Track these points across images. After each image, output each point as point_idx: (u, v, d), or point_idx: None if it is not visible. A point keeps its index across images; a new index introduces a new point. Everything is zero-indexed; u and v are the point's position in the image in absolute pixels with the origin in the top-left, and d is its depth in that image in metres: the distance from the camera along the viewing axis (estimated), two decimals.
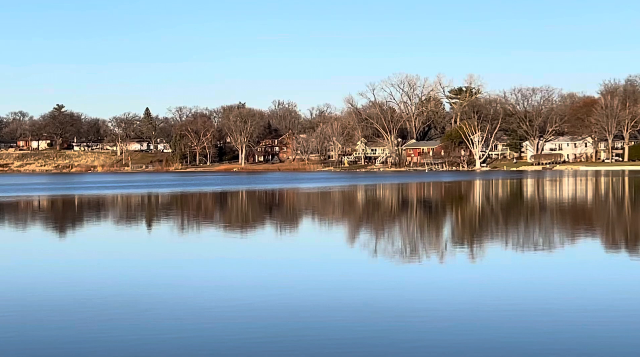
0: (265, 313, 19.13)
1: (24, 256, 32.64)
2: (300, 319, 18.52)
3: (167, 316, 19.03)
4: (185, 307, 19.98)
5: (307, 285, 23.48)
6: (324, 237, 40.40)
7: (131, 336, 17.05)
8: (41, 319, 18.90)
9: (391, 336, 16.83)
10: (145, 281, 24.94)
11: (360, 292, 22.02)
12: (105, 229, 44.76)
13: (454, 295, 21.43)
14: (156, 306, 20.19)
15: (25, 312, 19.74)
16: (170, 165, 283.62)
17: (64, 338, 16.94)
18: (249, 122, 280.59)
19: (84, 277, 25.86)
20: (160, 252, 33.26)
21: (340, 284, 23.58)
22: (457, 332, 17.11)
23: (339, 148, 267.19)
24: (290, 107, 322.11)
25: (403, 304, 20.22)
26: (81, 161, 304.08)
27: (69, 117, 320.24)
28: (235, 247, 34.66)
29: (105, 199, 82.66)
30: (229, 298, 21.26)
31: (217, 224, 47.58)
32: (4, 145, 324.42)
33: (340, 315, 18.86)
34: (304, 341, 16.46)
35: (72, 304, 20.65)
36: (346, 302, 20.51)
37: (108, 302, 20.82)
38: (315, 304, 20.16)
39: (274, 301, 20.74)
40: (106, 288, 23.27)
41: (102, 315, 19.18)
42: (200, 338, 16.76)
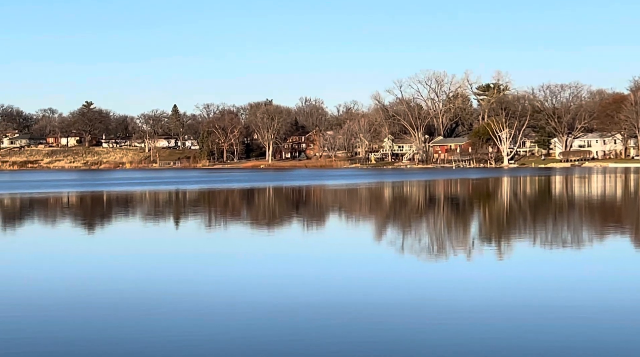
0: (292, 310, 19.12)
1: (52, 251, 32.91)
2: (326, 316, 18.49)
3: (192, 312, 19.10)
4: (212, 304, 20.04)
5: (332, 282, 23.45)
6: (351, 234, 40.35)
7: (156, 334, 17.14)
8: (72, 316, 19.04)
9: (419, 336, 16.78)
10: (171, 277, 25.02)
11: (387, 290, 21.96)
12: (133, 226, 45.02)
13: (482, 293, 21.31)
14: (180, 304, 20.27)
15: (52, 309, 19.89)
16: (197, 162, 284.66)
17: (90, 336, 17.05)
18: (276, 119, 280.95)
19: (112, 273, 26.02)
20: (187, 249, 33.38)
21: (367, 281, 23.53)
22: (483, 332, 17.03)
23: (365, 145, 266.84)
24: (317, 104, 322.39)
25: (429, 302, 20.14)
26: (110, 158, 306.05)
27: (97, 114, 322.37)
28: (262, 244, 34.70)
29: (133, 195, 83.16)
30: (255, 295, 21.28)
31: (244, 221, 47.68)
32: (34, 142, 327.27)
33: (367, 313, 18.83)
34: (332, 338, 16.44)
35: (98, 301, 20.78)
36: (373, 300, 20.46)
37: (135, 299, 20.94)
38: (341, 302, 20.12)
39: (300, 297, 20.73)
40: (132, 284, 23.41)
41: (127, 312, 19.29)
42: (228, 335, 16.80)
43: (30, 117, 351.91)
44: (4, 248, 34.75)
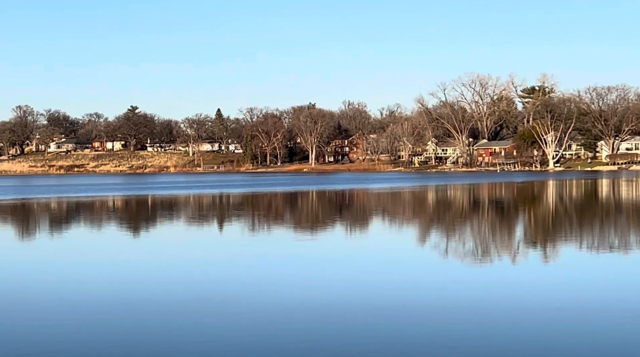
0: (337, 312, 19.06)
1: (99, 256, 33.22)
2: (372, 318, 18.41)
3: (238, 314, 19.12)
4: (258, 306, 20.05)
5: (376, 285, 23.34)
6: (395, 238, 40.18)
7: (198, 336, 17.18)
8: (119, 319, 19.18)
9: (464, 337, 16.63)
10: (216, 280, 25.10)
11: (430, 292, 21.81)
12: (178, 230, 45.32)
13: (528, 296, 21.06)
14: (226, 306, 20.31)
15: (100, 313, 20.06)
16: (241, 166, 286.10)
17: (138, 340, 17.15)
18: (319, 122, 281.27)
19: (158, 277, 26.20)
20: (231, 252, 33.49)
21: (411, 284, 23.39)
22: (532, 333, 16.81)
23: (409, 148, 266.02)
24: (361, 108, 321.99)
25: (473, 304, 19.94)
26: (154, 162, 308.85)
27: (142, 118, 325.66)
28: (306, 248, 34.69)
29: (178, 199, 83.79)
30: (299, 297, 21.25)
31: (287, 225, 47.74)
32: (80, 146, 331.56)
33: (412, 316, 18.70)
34: (377, 340, 16.36)
35: (145, 305, 20.91)
36: (418, 302, 20.33)
37: (181, 302, 21.04)
38: (384, 305, 20.02)
39: (345, 300, 20.66)
40: (179, 288, 23.53)
41: (174, 315, 19.39)
42: (270, 336, 16.79)
43: (76, 122, 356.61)
44: (52, 253, 35.18)
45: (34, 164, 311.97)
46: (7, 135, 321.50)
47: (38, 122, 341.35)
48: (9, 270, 28.43)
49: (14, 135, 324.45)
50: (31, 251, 35.76)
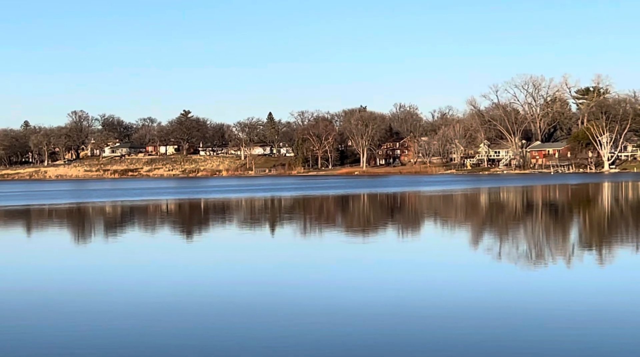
0: (385, 315, 19.04)
1: (153, 258, 33.61)
2: (420, 322, 18.34)
3: (288, 317, 19.19)
4: (309, 309, 20.09)
5: (427, 288, 23.24)
6: (447, 241, 39.93)
7: (256, 338, 17.29)
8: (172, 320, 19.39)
9: (521, 340, 16.47)
10: (267, 283, 25.21)
11: (485, 295, 21.64)
12: (230, 233, 45.62)
13: (581, 299, 20.78)
14: (278, 309, 20.39)
15: (154, 315, 20.29)
16: (292, 169, 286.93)
17: (192, 342, 17.30)
18: (370, 125, 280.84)
19: (211, 279, 26.40)
20: (283, 256, 33.60)
21: (464, 287, 23.24)
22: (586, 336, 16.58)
23: (461, 150, 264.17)
24: (412, 110, 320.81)
25: (525, 307, 19.74)
26: (207, 166, 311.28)
27: (195, 122, 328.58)
28: (358, 251, 34.65)
29: (230, 202, 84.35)
30: (354, 300, 21.24)
31: (338, 228, 47.74)
32: (134, 150, 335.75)
33: (462, 318, 18.59)
34: (432, 341, 16.29)
35: (199, 307, 21.10)
36: (471, 304, 20.20)
37: (235, 305, 21.18)
38: (437, 307, 19.93)
39: (395, 303, 20.61)
40: (232, 290, 23.70)
41: (229, 317, 19.53)
42: (324, 339, 16.82)
43: (130, 126, 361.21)
44: (106, 256, 35.66)
45: (89, 169, 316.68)
46: (63, 140, 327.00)
47: (93, 127, 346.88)
48: (67, 274, 28.89)
49: (69, 140, 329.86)
50: (88, 254, 36.31)
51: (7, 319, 19.79)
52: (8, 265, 32.10)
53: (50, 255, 35.75)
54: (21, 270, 30.08)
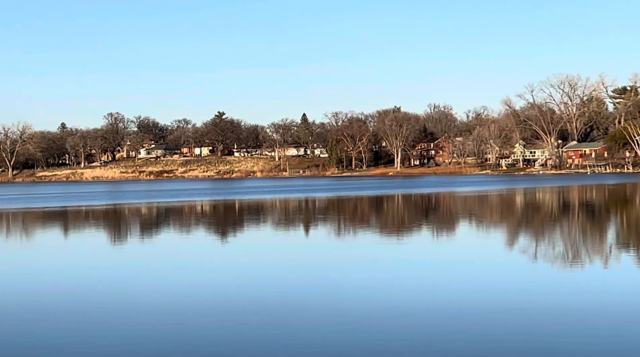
0: (424, 316, 18.98)
1: (188, 259, 33.82)
2: (455, 322, 18.26)
3: (327, 316, 19.21)
4: (347, 309, 20.10)
5: (460, 288, 23.13)
6: (482, 241, 39.71)
7: (286, 339, 17.32)
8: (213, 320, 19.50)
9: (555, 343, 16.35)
10: (304, 283, 25.26)
11: (517, 297, 21.49)
12: (265, 234, 45.75)
13: (620, 302, 20.56)
14: (314, 310, 20.42)
15: (192, 314, 20.42)
16: (326, 170, 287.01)
17: (232, 341, 17.38)
18: (404, 126, 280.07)
19: (245, 279, 26.50)
20: (317, 256, 33.63)
21: (498, 288, 23.11)
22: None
23: (496, 151, 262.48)
24: (446, 110, 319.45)
25: (561, 309, 19.58)
26: (241, 167, 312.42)
27: (229, 124, 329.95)
28: (391, 251, 34.58)
29: (264, 203, 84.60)
30: (389, 301, 21.21)
31: (373, 229, 47.68)
32: (169, 152, 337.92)
33: (494, 320, 18.48)
34: (474, 342, 16.23)
35: (235, 306, 21.19)
36: (503, 306, 20.08)
37: (271, 304, 21.25)
38: (471, 308, 19.84)
39: (432, 305, 20.55)
40: (267, 290, 23.77)
41: (262, 316, 19.61)
42: (353, 342, 16.81)
43: (165, 128, 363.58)
44: (144, 257, 35.95)
45: (125, 170, 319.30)
46: (99, 142, 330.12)
47: (128, 129, 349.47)
48: (104, 273, 29.16)
49: (105, 141, 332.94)
50: (124, 254, 36.64)
51: (53, 320, 20.05)
52: (47, 266, 32.48)
53: (88, 256, 36.11)
54: (59, 271, 30.42)
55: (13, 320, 20.07)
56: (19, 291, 25.15)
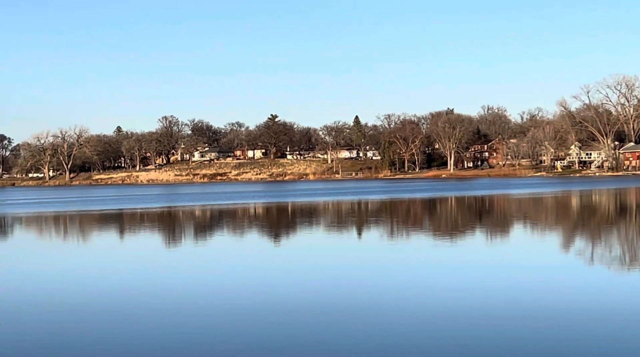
0: (486, 318, 18.90)
1: (240, 261, 34.08)
2: (510, 324, 18.15)
3: (366, 321, 19.22)
4: (401, 310, 20.10)
5: (516, 291, 22.95)
6: (536, 244, 39.30)
7: (341, 340, 17.38)
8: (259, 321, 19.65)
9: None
10: (354, 285, 25.29)
11: (572, 299, 21.25)
12: (317, 236, 45.86)
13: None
14: (353, 311, 20.45)
15: (243, 315, 20.60)
16: (379, 172, 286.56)
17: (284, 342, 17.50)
18: (457, 127, 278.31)
19: (297, 281, 26.63)
20: (369, 258, 33.63)
21: (551, 290, 22.88)
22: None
23: (551, 153, 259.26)
24: (500, 112, 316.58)
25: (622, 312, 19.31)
26: (294, 169, 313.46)
27: (282, 126, 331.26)
28: (444, 253, 34.43)
29: (317, 206, 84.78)
30: (443, 304, 21.15)
31: (426, 231, 47.50)
32: (223, 155, 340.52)
33: (559, 322, 18.31)
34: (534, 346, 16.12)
35: (288, 307, 21.32)
36: (560, 307, 19.89)
37: (324, 305, 21.33)
38: (527, 311, 19.68)
39: (485, 306, 20.44)
40: (320, 291, 23.86)
41: (318, 317, 19.69)
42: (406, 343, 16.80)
43: (219, 131, 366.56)
44: (198, 259, 36.33)
45: (179, 173, 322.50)
46: (154, 145, 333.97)
47: (183, 132, 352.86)
48: (160, 275, 29.55)
49: (160, 145, 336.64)
50: (180, 257, 37.08)
51: (105, 320, 20.41)
52: (101, 268, 33.00)
53: (143, 258, 36.63)
54: (118, 272, 30.91)
55: (84, 321, 20.47)
56: (85, 292, 25.62)
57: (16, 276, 30.58)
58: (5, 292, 26.02)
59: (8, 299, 24.44)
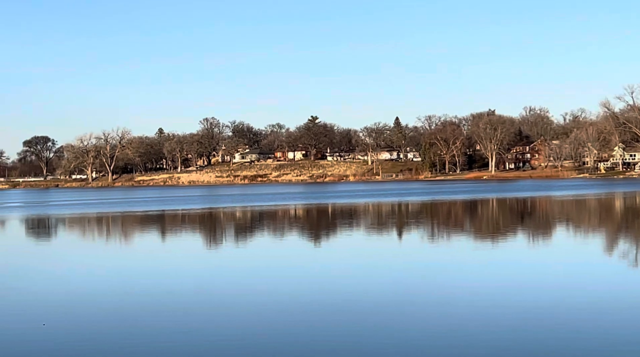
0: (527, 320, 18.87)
1: (280, 263, 34.24)
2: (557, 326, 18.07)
3: (417, 323, 19.24)
4: (438, 314, 20.10)
5: (558, 293, 22.82)
6: (579, 247, 38.95)
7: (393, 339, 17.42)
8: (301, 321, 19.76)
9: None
10: (395, 286, 25.31)
11: (620, 303, 21.08)
12: (358, 237, 45.89)
13: None
14: (416, 312, 20.47)
15: (287, 315, 20.73)
16: (419, 174, 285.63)
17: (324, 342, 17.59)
18: (498, 129, 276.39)
19: (336, 282, 26.72)
20: (411, 259, 33.59)
21: (597, 293, 22.70)
22: None
23: (594, 154, 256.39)
24: (542, 113, 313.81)
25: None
26: (334, 171, 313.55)
27: (322, 128, 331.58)
28: (486, 254, 34.27)
29: (357, 207, 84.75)
30: (492, 305, 21.10)
31: (467, 232, 47.28)
32: (263, 156, 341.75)
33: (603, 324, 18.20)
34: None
35: (330, 308, 21.42)
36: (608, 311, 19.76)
37: (370, 307, 21.40)
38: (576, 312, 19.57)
39: (528, 308, 20.37)
40: (363, 293, 23.93)
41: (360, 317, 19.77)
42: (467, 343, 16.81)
43: (259, 133, 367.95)
44: (239, 259, 36.58)
45: (220, 174, 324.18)
46: (195, 147, 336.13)
47: (223, 133, 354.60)
48: (201, 276, 29.82)
49: (201, 146, 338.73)
50: (220, 257, 37.35)
51: (150, 320, 20.69)
52: (147, 267, 33.36)
53: (185, 258, 36.97)
54: (163, 272, 31.23)
55: (134, 320, 20.80)
56: (133, 291, 25.96)
57: (61, 275, 31.04)
58: (52, 291, 26.44)
59: (54, 297, 24.84)
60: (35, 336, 18.78)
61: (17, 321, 20.87)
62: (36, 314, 21.63)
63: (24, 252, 42.54)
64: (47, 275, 31.32)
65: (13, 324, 20.57)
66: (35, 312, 21.97)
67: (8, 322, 20.86)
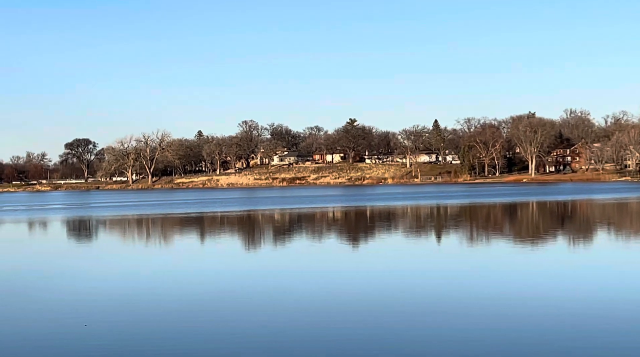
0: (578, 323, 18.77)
1: (316, 266, 34.34)
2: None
3: (453, 324, 19.23)
4: (480, 318, 20.07)
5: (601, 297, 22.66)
6: (621, 251, 38.55)
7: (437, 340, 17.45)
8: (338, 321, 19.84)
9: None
10: (436, 289, 25.29)
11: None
12: (396, 240, 45.84)
13: None
14: (450, 314, 20.47)
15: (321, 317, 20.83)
16: (458, 177, 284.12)
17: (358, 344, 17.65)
18: (539, 131, 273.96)
19: (373, 284, 26.76)
20: (450, 262, 33.51)
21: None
22: None
23: (636, 157, 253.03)
24: (583, 116, 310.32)
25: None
26: (372, 173, 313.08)
27: (361, 130, 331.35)
28: (524, 258, 34.07)
29: (395, 210, 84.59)
30: (525, 309, 21.02)
31: (506, 236, 47.01)
32: (301, 159, 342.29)
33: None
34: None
35: (365, 310, 21.47)
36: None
37: (409, 308, 21.43)
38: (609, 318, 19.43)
39: (572, 312, 20.26)
40: (401, 295, 23.95)
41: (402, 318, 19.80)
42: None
43: (297, 135, 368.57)
44: (277, 261, 36.74)
45: (259, 177, 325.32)
46: (234, 150, 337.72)
47: (262, 136, 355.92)
48: (239, 277, 30.02)
49: (240, 149, 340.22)
50: (259, 258, 37.55)
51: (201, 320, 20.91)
52: (190, 269, 33.66)
53: (225, 260, 37.22)
54: (203, 273, 31.49)
55: (179, 318, 21.03)
56: (176, 293, 26.25)
57: (102, 276, 31.41)
58: (93, 292, 26.78)
59: (96, 298, 25.16)
60: (77, 337, 19.06)
61: (59, 322, 21.19)
62: (78, 315, 21.94)
63: (66, 253, 43.12)
64: (88, 276, 31.73)
65: (55, 324, 20.88)
66: (77, 313, 22.29)
67: (50, 322, 21.19)
